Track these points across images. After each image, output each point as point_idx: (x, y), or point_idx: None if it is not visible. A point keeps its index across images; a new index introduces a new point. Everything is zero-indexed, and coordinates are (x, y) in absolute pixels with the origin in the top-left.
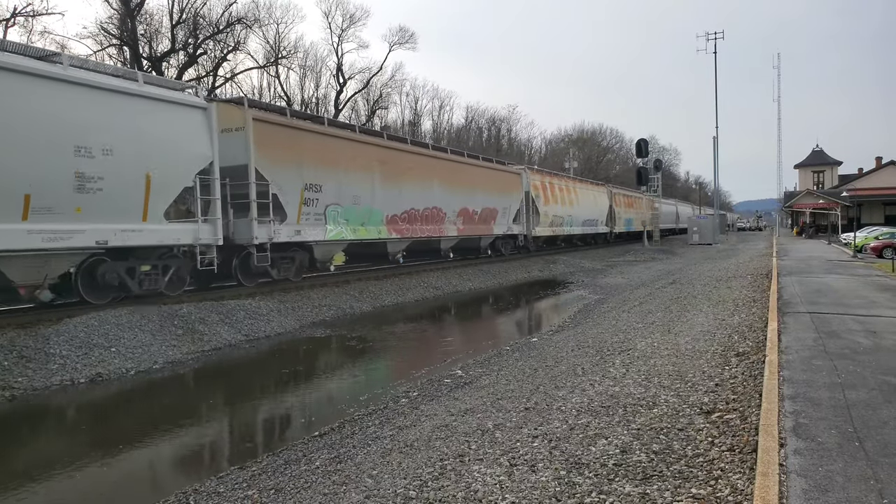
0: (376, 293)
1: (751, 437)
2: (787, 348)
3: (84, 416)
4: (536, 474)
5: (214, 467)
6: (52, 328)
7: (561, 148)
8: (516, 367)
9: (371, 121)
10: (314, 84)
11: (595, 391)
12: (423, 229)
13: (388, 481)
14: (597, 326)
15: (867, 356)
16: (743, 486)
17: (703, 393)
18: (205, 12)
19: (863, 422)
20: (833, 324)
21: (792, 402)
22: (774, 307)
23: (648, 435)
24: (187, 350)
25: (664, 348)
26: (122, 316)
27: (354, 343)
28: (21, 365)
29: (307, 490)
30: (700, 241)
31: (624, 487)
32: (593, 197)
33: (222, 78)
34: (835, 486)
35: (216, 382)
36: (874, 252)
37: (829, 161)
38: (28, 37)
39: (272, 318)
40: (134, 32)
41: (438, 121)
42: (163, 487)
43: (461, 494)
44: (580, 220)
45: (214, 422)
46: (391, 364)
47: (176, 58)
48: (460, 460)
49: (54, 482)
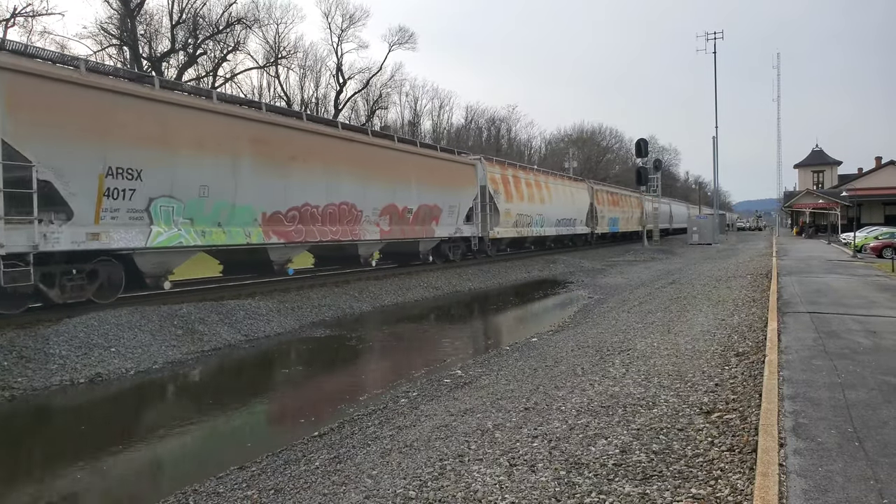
0: (376, 293)
1: (750, 437)
2: (786, 348)
3: (83, 417)
4: (536, 474)
5: (214, 467)
6: (51, 328)
7: (561, 148)
8: (516, 367)
9: (371, 120)
10: (314, 84)
11: (595, 391)
12: (327, 231)
13: (387, 481)
14: (596, 326)
15: (867, 356)
16: (743, 486)
17: (703, 393)
18: (205, 12)
19: (862, 422)
20: (833, 324)
21: (792, 402)
22: (774, 307)
23: (648, 435)
24: (187, 350)
25: (664, 348)
26: (121, 316)
27: (354, 343)
28: (21, 365)
29: (307, 490)
30: (700, 241)
31: (624, 487)
32: (570, 194)
33: (222, 78)
34: (834, 486)
35: (216, 383)
36: (874, 252)
37: (829, 161)
38: (28, 37)
39: (272, 319)
40: (134, 32)
41: (438, 121)
42: (162, 487)
43: (461, 494)
44: (553, 219)
45: (214, 422)
46: (391, 364)
47: (176, 58)
48: (460, 460)
49: (53, 482)
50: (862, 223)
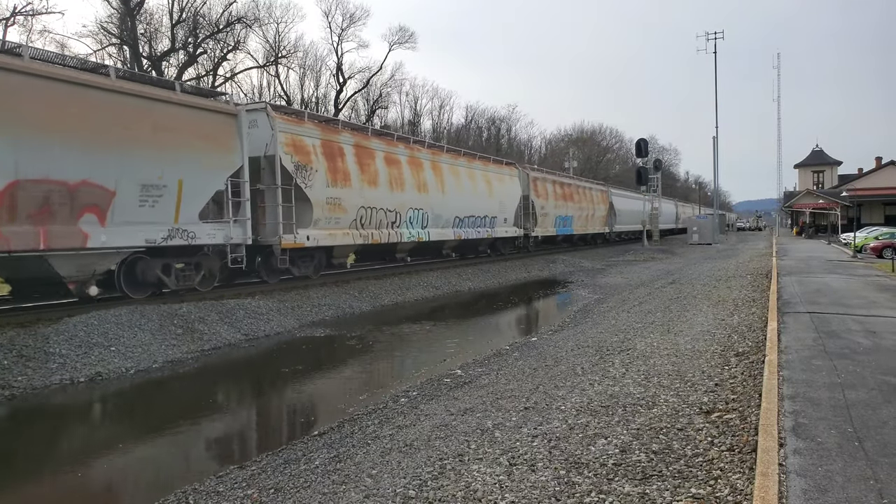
0: (376, 292)
1: (750, 436)
2: (786, 348)
3: (83, 416)
4: (536, 474)
5: (214, 466)
6: (51, 327)
7: (561, 148)
8: (516, 366)
9: (371, 120)
10: (314, 83)
11: (594, 391)
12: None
13: (387, 480)
14: (596, 326)
15: (867, 356)
16: (742, 486)
17: (703, 393)
18: (205, 11)
19: (862, 422)
20: (833, 324)
21: (791, 401)
22: (774, 307)
23: (648, 435)
24: (187, 349)
25: (664, 348)
26: (121, 315)
27: (354, 342)
28: (21, 364)
29: (306, 489)
30: (700, 241)
31: (623, 487)
32: (486, 181)
33: (222, 77)
34: (834, 485)
35: (216, 382)
36: (874, 252)
37: (829, 161)
38: (28, 36)
39: (272, 318)
40: (134, 31)
41: (438, 120)
42: (162, 486)
43: (461, 494)
44: (449, 215)
45: (213, 421)
46: (391, 363)
47: (176, 57)
48: (460, 460)
49: (51, 481)
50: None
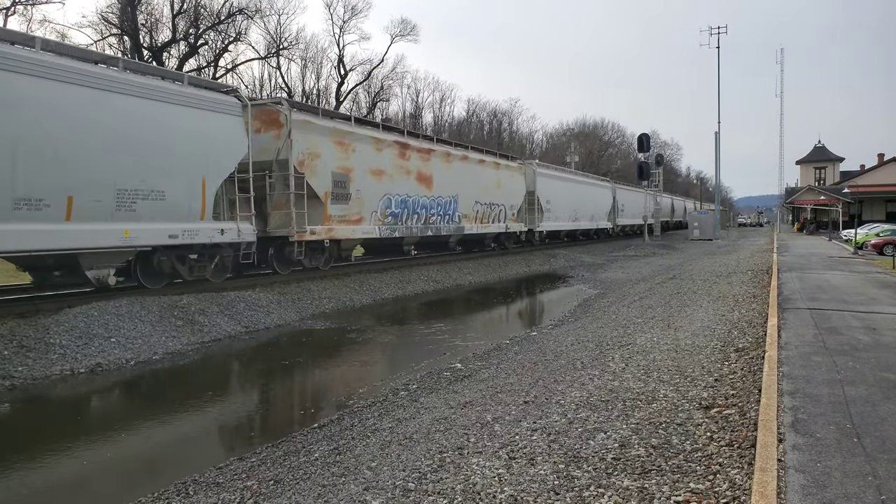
0: (376, 286)
1: (749, 432)
2: (786, 344)
3: (83, 406)
4: (535, 467)
5: (214, 458)
6: (51, 318)
7: (562, 142)
8: (515, 360)
9: (372, 113)
10: (315, 76)
11: (594, 385)
12: None
13: (387, 473)
14: (596, 321)
15: (866, 352)
16: (741, 481)
17: (703, 388)
18: (206, 2)
19: (861, 418)
20: (833, 320)
21: (791, 397)
22: (774, 303)
23: (647, 429)
24: (187, 341)
25: (664, 343)
26: (122, 306)
27: (354, 335)
28: (21, 354)
29: (306, 481)
30: (700, 237)
31: (622, 481)
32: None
33: (223, 69)
34: (833, 481)
35: (216, 374)
36: (875, 249)
37: (831, 157)
38: (28, 25)
39: (272, 310)
40: (134, 22)
41: (439, 113)
42: (162, 477)
43: (460, 487)
44: None
45: (214, 413)
46: (390, 356)
47: (177, 48)
48: (459, 453)
49: (51, 470)
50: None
